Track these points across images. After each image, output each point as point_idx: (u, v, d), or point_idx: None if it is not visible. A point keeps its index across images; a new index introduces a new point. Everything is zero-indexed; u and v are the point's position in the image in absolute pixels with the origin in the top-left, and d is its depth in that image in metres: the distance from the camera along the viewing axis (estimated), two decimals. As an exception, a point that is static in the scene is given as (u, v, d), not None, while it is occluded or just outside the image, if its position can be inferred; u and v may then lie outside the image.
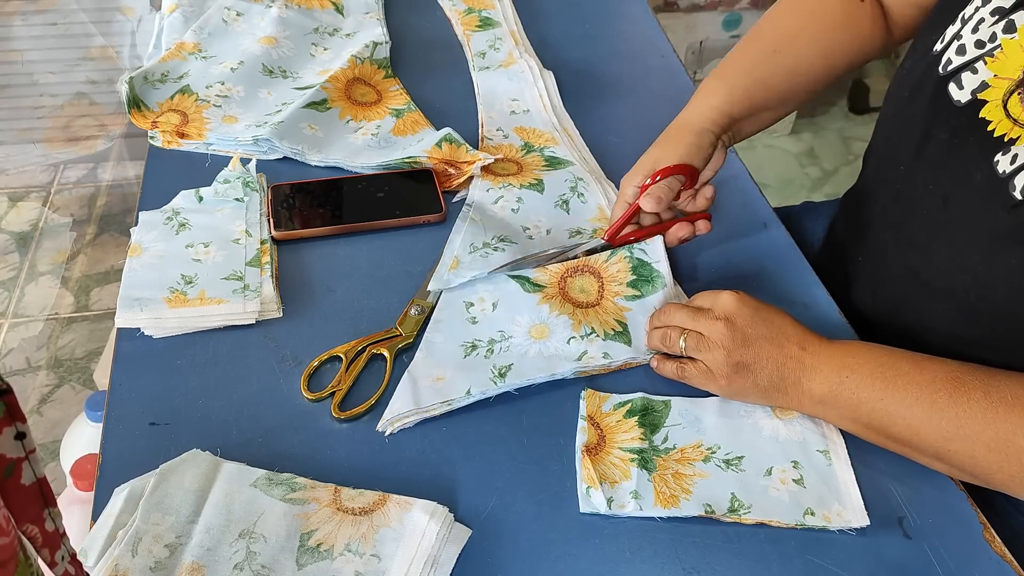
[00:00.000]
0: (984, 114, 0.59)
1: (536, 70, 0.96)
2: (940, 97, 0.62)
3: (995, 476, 0.56)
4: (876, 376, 0.59)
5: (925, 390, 0.57)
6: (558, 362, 0.65)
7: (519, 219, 0.78)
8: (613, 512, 0.57)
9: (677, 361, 0.65)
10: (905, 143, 0.67)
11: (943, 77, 0.62)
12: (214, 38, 0.95)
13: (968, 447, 0.56)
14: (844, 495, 0.59)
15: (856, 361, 0.60)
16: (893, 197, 0.69)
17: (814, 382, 0.61)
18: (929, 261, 0.65)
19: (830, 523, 0.57)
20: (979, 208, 0.59)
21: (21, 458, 0.32)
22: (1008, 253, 0.57)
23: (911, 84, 0.67)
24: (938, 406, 0.56)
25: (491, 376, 0.64)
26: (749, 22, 1.95)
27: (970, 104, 0.60)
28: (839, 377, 0.60)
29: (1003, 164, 0.57)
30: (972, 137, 0.59)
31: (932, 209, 0.64)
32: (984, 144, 0.58)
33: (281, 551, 0.54)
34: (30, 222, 1.81)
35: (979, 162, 0.58)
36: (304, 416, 0.63)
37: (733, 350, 0.61)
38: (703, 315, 0.64)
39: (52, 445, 1.36)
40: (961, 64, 0.61)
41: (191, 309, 0.68)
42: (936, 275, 0.65)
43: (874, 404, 0.58)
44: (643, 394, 0.64)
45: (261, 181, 0.80)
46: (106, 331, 1.59)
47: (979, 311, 0.61)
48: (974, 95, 0.59)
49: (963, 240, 0.61)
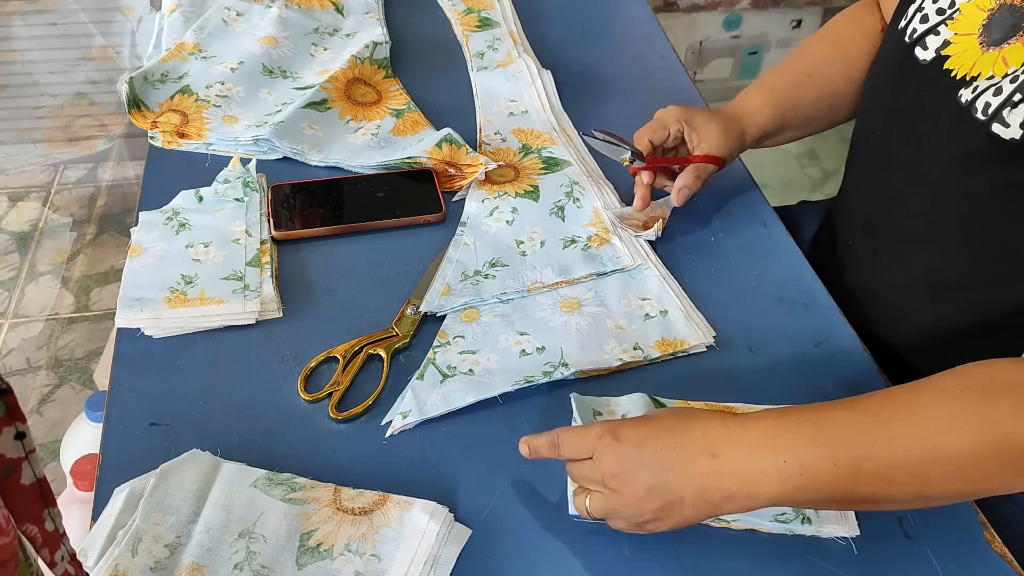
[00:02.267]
0: (948, 65, 0.64)
1: (534, 70, 0.96)
2: (907, 60, 0.67)
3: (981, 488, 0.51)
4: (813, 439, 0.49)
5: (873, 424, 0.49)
6: None
7: (513, 232, 0.78)
8: None
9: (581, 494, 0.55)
10: (878, 108, 0.72)
11: (909, 45, 0.68)
12: (214, 38, 0.95)
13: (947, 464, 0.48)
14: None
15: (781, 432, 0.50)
16: (874, 160, 0.74)
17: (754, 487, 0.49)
18: (908, 209, 0.69)
19: (822, 532, 0.57)
20: (948, 140, 0.64)
21: (21, 458, 0.32)
22: (978, 172, 0.62)
23: (881, 60, 0.72)
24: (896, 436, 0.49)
25: None
26: (749, 22, 1.95)
27: (934, 60, 0.65)
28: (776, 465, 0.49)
29: (965, 95, 0.62)
30: (938, 85, 0.65)
31: (908, 158, 0.68)
32: (948, 86, 0.64)
33: (281, 551, 0.54)
34: (30, 222, 1.81)
35: (944, 101, 0.64)
36: (304, 416, 0.63)
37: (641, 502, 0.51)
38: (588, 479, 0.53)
39: (52, 445, 1.36)
40: (925, 30, 0.67)
41: (191, 309, 0.68)
42: (917, 221, 0.69)
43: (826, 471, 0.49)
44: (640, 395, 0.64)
45: (261, 181, 0.80)
46: (106, 331, 1.59)
47: (960, 246, 0.65)
48: (937, 52, 0.65)
49: (937, 175, 0.66)
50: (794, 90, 0.82)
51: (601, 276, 0.74)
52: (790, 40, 2.00)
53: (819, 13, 1.97)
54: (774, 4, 1.92)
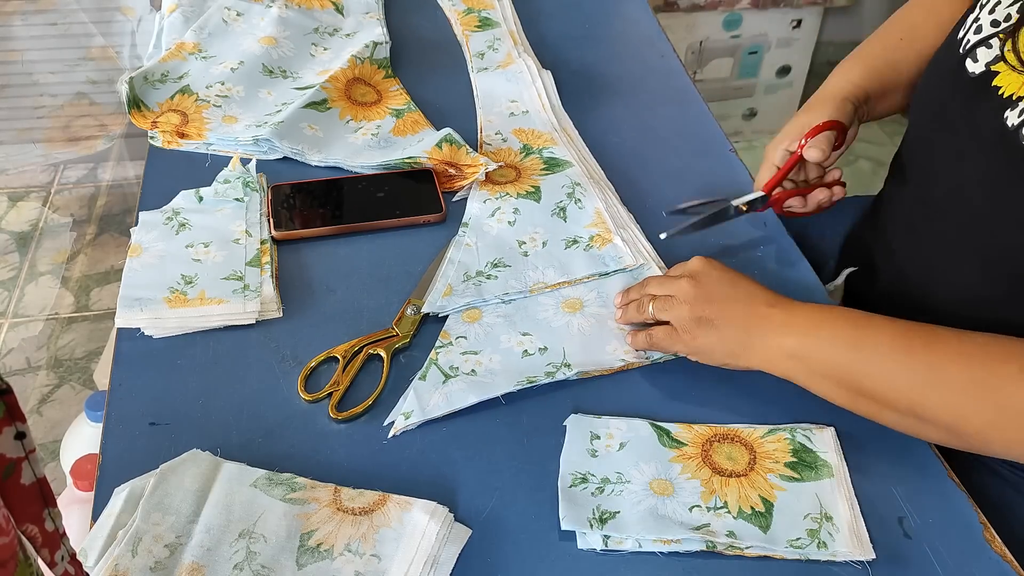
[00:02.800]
0: (996, 82, 0.61)
1: (534, 70, 0.96)
2: (958, 72, 0.65)
3: (970, 423, 0.55)
4: (850, 327, 0.60)
5: (900, 339, 0.58)
6: (670, 526, 0.57)
7: (515, 233, 0.78)
8: (610, 548, 0.57)
9: (646, 330, 0.66)
10: (926, 118, 0.71)
11: (962, 56, 0.66)
12: (214, 38, 0.95)
13: (943, 393, 0.56)
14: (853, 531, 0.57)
15: (829, 316, 0.61)
16: (919, 170, 0.73)
17: (785, 337, 0.61)
18: (947, 221, 0.67)
19: (836, 557, 0.56)
20: (990, 160, 0.61)
21: (21, 458, 0.31)
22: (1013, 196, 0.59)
23: (936, 69, 0.70)
24: (913, 352, 0.57)
25: (589, 517, 0.57)
26: (749, 22, 1.95)
27: (984, 74, 0.63)
28: (812, 330, 0.60)
29: (1012, 118, 0.59)
30: (985, 102, 0.62)
31: (949, 170, 0.67)
32: (995, 104, 0.61)
33: (281, 551, 0.54)
34: (30, 222, 1.81)
35: (990, 120, 0.61)
36: (304, 416, 0.63)
37: (696, 305, 0.63)
38: (672, 279, 0.66)
39: (52, 445, 1.36)
40: (977, 41, 0.64)
41: (191, 309, 0.68)
42: (955, 233, 0.67)
43: (847, 355, 0.59)
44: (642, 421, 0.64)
45: (261, 181, 0.80)
46: (106, 331, 1.59)
47: (995, 263, 0.63)
48: (987, 67, 0.63)
49: (973, 191, 0.63)
50: (889, 51, 0.81)
51: (603, 276, 0.74)
52: (790, 40, 2.00)
53: (819, 13, 1.97)
54: (774, 4, 1.92)
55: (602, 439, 0.62)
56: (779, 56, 2.02)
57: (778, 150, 0.77)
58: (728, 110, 2.08)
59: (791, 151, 0.76)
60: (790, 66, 2.04)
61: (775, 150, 0.77)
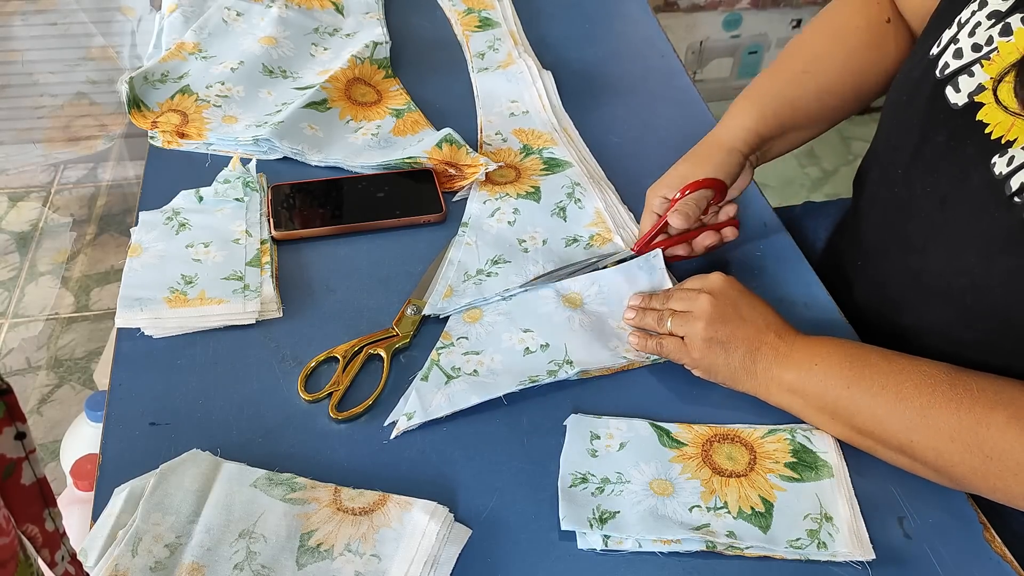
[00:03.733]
0: (981, 116, 0.59)
1: (535, 70, 0.96)
2: (937, 100, 0.62)
3: (956, 469, 0.56)
4: (844, 366, 0.60)
5: (892, 379, 0.58)
6: (670, 526, 0.57)
7: (515, 232, 0.78)
8: (610, 548, 0.57)
9: (656, 337, 0.66)
10: (903, 147, 0.67)
11: (940, 81, 0.62)
12: (214, 38, 0.95)
13: (931, 438, 0.56)
14: (853, 532, 0.57)
15: (827, 351, 0.61)
16: (892, 200, 0.70)
17: (785, 370, 0.62)
18: (927, 263, 0.65)
19: (836, 557, 0.56)
20: (976, 210, 0.59)
21: (21, 458, 0.31)
22: (1005, 255, 0.57)
23: (909, 88, 0.67)
24: (904, 395, 0.57)
25: (589, 517, 0.57)
26: (749, 22, 1.95)
27: (967, 107, 0.60)
28: (809, 365, 0.61)
29: (1000, 166, 0.57)
30: (969, 140, 0.59)
31: (930, 211, 0.64)
32: (981, 146, 0.58)
33: (281, 551, 0.54)
34: (30, 222, 1.81)
35: (976, 164, 0.59)
36: (304, 416, 0.63)
37: (710, 325, 0.63)
38: (693, 294, 0.66)
39: (52, 445, 1.36)
40: (958, 67, 0.61)
41: (191, 309, 0.68)
42: (934, 277, 0.65)
43: (840, 392, 0.59)
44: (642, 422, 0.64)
45: (261, 181, 0.80)
46: (106, 331, 1.59)
47: (976, 313, 0.61)
48: (971, 98, 0.60)
49: (960, 242, 0.61)
50: (789, 87, 0.78)
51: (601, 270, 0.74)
52: (790, 40, 2.00)
53: (819, 13, 1.97)
54: (774, 4, 1.92)
55: (602, 439, 0.62)
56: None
57: (656, 197, 0.74)
58: (728, 110, 2.08)
59: (668, 199, 0.72)
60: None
61: (654, 197, 0.74)
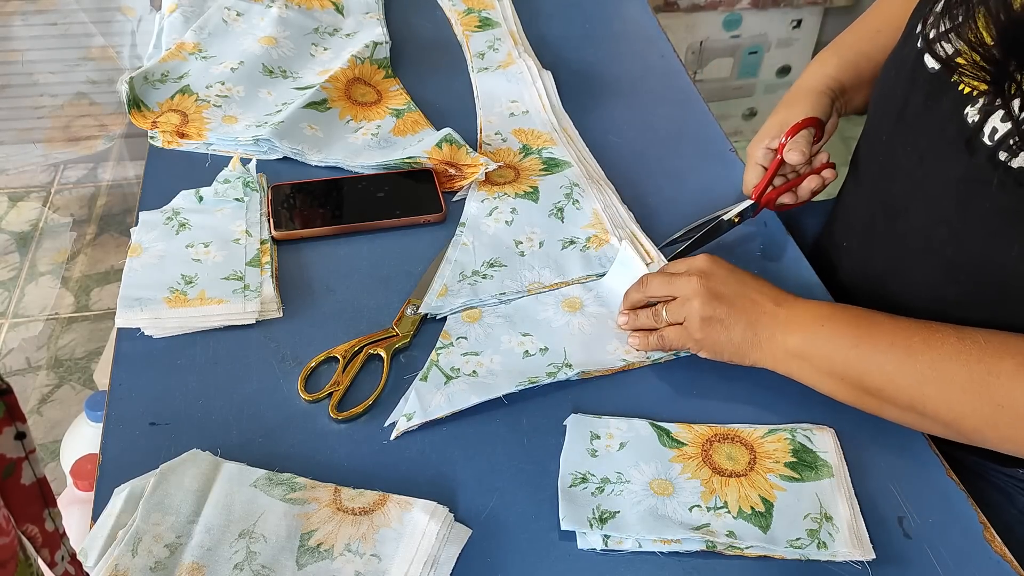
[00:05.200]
0: (955, 78, 0.61)
1: (535, 70, 0.96)
2: (917, 67, 0.65)
3: (967, 421, 0.56)
4: (851, 325, 0.60)
5: (900, 336, 0.59)
6: (670, 526, 0.57)
7: (512, 232, 0.78)
8: (610, 548, 0.57)
9: (656, 332, 0.66)
10: (887, 115, 0.70)
11: (920, 50, 0.65)
12: (214, 38, 0.95)
13: (943, 391, 0.56)
14: (853, 531, 0.57)
15: (830, 312, 0.62)
16: (877, 169, 0.72)
17: (789, 336, 0.62)
18: (909, 222, 0.67)
19: (836, 557, 0.56)
20: (951, 159, 0.61)
21: (21, 458, 0.31)
22: (980, 198, 0.59)
23: (896, 63, 0.70)
24: (913, 350, 0.58)
25: (589, 517, 0.57)
26: (749, 22, 1.95)
27: (943, 70, 0.62)
28: (814, 328, 0.61)
29: (972, 115, 0.59)
30: (944, 98, 0.62)
31: (910, 169, 0.66)
32: (955, 101, 0.60)
33: (281, 551, 0.54)
34: (30, 222, 1.81)
35: (950, 116, 0.60)
36: (304, 416, 0.63)
37: (706, 305, 0.63)
38: (677, 277, 0.66)
39: (52, 445, 1.36)
40: (935, 36, 0.64)
41: (191, 309, 0.68)
42: (916, 235, 0.66)
43: (848, 352, 0.60)
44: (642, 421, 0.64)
45: (261, 181, 0.80)
46: (106, 331, 1.59)
47: (958, 264, 0.63)
48: (946, 62, 0.62)
49: (937, 192, 0.63)
50: (866, 42, 0.81)
51: (600, 276, 0.74)
52: (790, 40, 2.00)
53: (819, 13, 1.97)
54: (774, 4, 1.92)
55: (602, 439, 0.62)
56: (779, 56, 2.02)
57: (759, 148, 0.77)
58: (728, 110, 2.08)
59: (773, 148, 0.76)
60: (790, 66, 2.04)
61: (757, 148, 0.78)
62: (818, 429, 0.63)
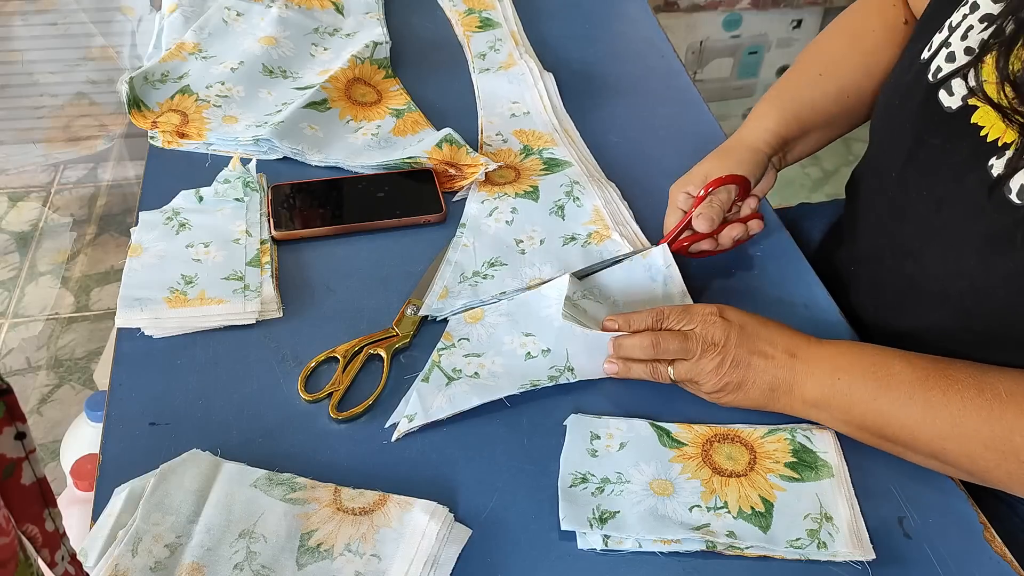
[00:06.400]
0: (976, 120, 0.59)
1: (536, 71, 0.96)
2: (930, 104, 0.62)
3: (992, 473, 0.56)
4: (868, 376, 0.59)
5: (919, 388, 0.57)
6: (670, 526, 0.57)
7: (513, 232, 0.77)
8: (610, 548, 0.57)
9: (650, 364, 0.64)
10: (896, 151, 0.67)
11: (933, 84, 0.62)
12: (214, 38, 0.95)
13: (964, 445, 0.56)
14: (853, 532, 0.57)
15: (848, 362, 0.60)
16: (886, 204, 0.70)
17: (807, 387, 0.61)
18: (923, 267, 0.65)
19: (836, 557, 0.56)
20: (972, 212, 0.59)
21: (21, 458, 0.31)
22: (1004, 256, 0.57)
23: (901, 92, 0.67)
24: (932, 404, 0.57)
25: (589, 517, 0.57)
26: (749, 22, 1.95)
27: (961, 110, 0.60)
28: (831, 379, 0.60)
29: (997, 167, 0.57)
30: (964, 142, 0.59)
31: (925, 215, 0.64)
32: (978, 148, 0.58)
33: (281, 551, 0.54)
34: (30, 222, 1.81)
35: (972, 166, 0.58)
36: (304, 416, 0.63)
37: (724, 375, 0.61)
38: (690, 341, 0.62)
39: (52, 445, 1.36)
40: (951, 71, 0.61)
41: (191, 309, 0.68)
42: (930, 280, 0.64)
43: (867, 405, 0.59)
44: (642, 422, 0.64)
45: (261, 181, 0.80)
46: (106, 331, 1.59)
47: (976, 315, 0.61)
48: (964, 101, 0.60)
49: (957, 244, 0.61)
50: (807, 89, 0.78)
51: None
52: (790, 40, 2.00)
53: (819, 13, 1.97)
54: (774, 4, 1.92)
55: (602, 439, 0.62)
56: (779, 56, 2.02)
57: (680, 193, 0.74)
58: (728, 110, 2.08)
59: (694, 196, 0.73)
60: (790, 66, 2.04)
61: (678, 193, 0.74)
62: (818, 429, 0.63)
